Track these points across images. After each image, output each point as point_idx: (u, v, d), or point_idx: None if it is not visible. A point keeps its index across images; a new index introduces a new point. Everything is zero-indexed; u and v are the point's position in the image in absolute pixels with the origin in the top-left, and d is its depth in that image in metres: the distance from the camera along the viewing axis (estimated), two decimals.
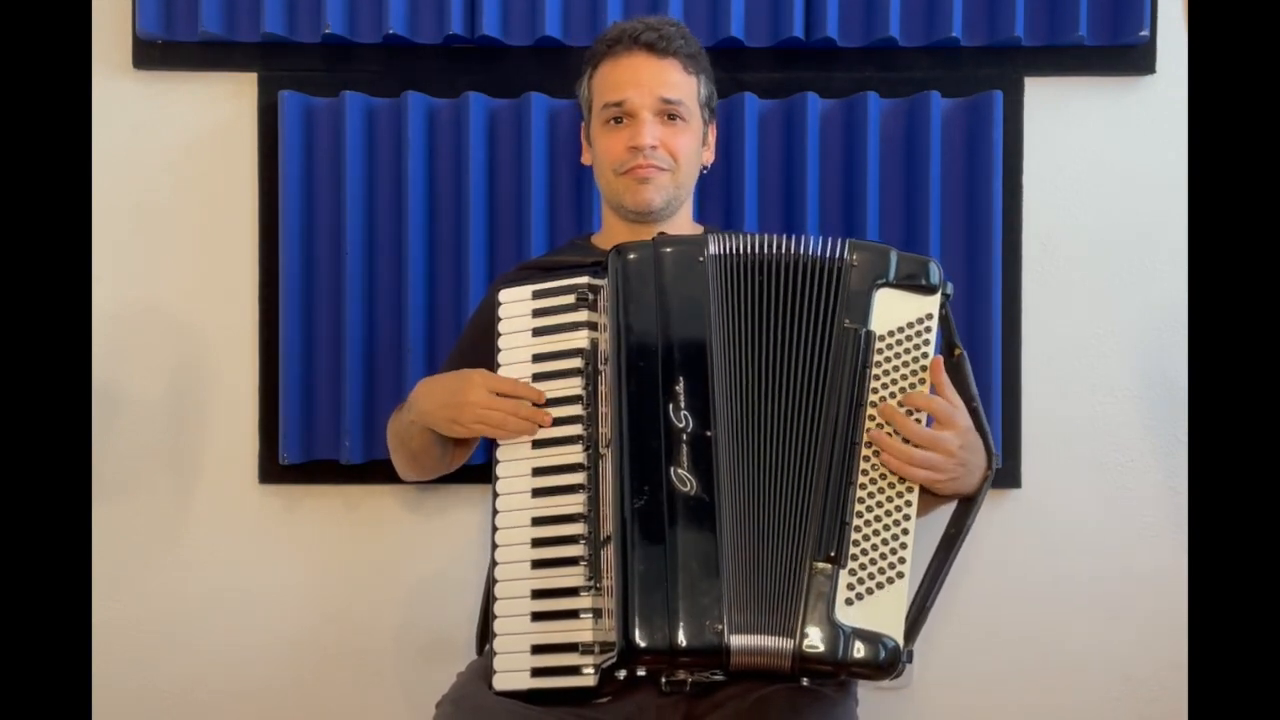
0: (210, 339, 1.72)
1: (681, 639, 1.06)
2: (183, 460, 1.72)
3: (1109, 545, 1.74)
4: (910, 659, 1.10)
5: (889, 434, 1.13)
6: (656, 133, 1.33)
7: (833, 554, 1.10)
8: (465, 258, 1.65)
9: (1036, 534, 1.72)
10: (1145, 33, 1.66)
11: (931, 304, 1.18)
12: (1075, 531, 1.74)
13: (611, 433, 1.14)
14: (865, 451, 1.13)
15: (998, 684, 1.74)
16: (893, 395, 1.15)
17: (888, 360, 1.16)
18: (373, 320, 1.68)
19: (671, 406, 1.13)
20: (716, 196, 1.69)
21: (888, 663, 1.08)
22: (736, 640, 1.08)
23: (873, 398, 1.14)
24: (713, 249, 1.18)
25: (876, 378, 1.15)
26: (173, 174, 1.71)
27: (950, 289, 1.20)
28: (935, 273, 1.18)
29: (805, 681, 1.13)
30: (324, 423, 1.69)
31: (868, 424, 1.14)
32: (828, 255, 1.17)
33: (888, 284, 1.17)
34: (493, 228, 1.69)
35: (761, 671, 1.12)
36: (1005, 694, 1.75)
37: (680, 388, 1.13)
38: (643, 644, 1.06)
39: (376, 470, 1.66)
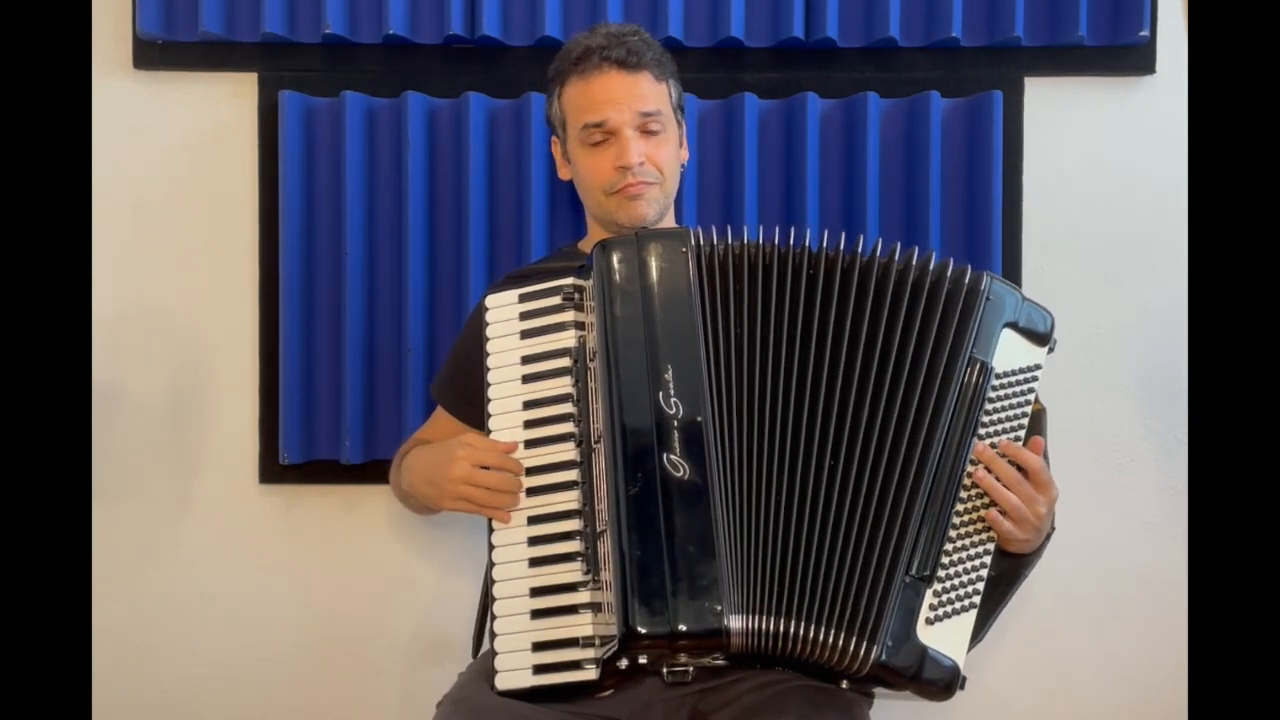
0: (210, 339, 1.72)
1: (680, 621, 1.07)
2: (182, 460, 1.72)
3: (1109, 545, 1.74)
4: (963, 685, 1.12)
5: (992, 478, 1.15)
6: (641, 149, 1.33)
7: (926, 573, 1.12)
8: (465, 258, 1.65)
9: None
10: (1145, 33, 1.66)
11: (1041, 355, 1.22)
12: (1075, 531, 1.74)
13: (603, 425, 1.15)
14: (965, 481, 1.15)
15: (998, 684, 1.74)
16: (993, 435, 1.17)
17: (997, 399, 1.18)
18: (373, 320, 1.68)
19: (661, 394, 1.14)
20: (716, 196, 1.69)
21: (949, 684, 1.11)
22: (736, 621, 1.08)
23: (980, 430, 1.16)
24: (694, 241, 1.20)
25: (986, 412, 1.17)
26: (173, 174, 1.71)
27: (1055, 344, 1.23)
28: (1052, 324, 1.22)
29: (844, 684, 1.15)
30: (324, 423, 1.69)
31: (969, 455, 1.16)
32: (963, 282, 1.18)
33: (1012, 326, 1.20)
34: (493, 228, 1.69)
35: (767, 657, 1.12)
36: (1005, 694, 1.75)
37: (669, 375, 1.14)
38: (642, 629, 1.06)
39: (376, 470, 1.66)
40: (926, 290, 1.18)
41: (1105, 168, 1.73)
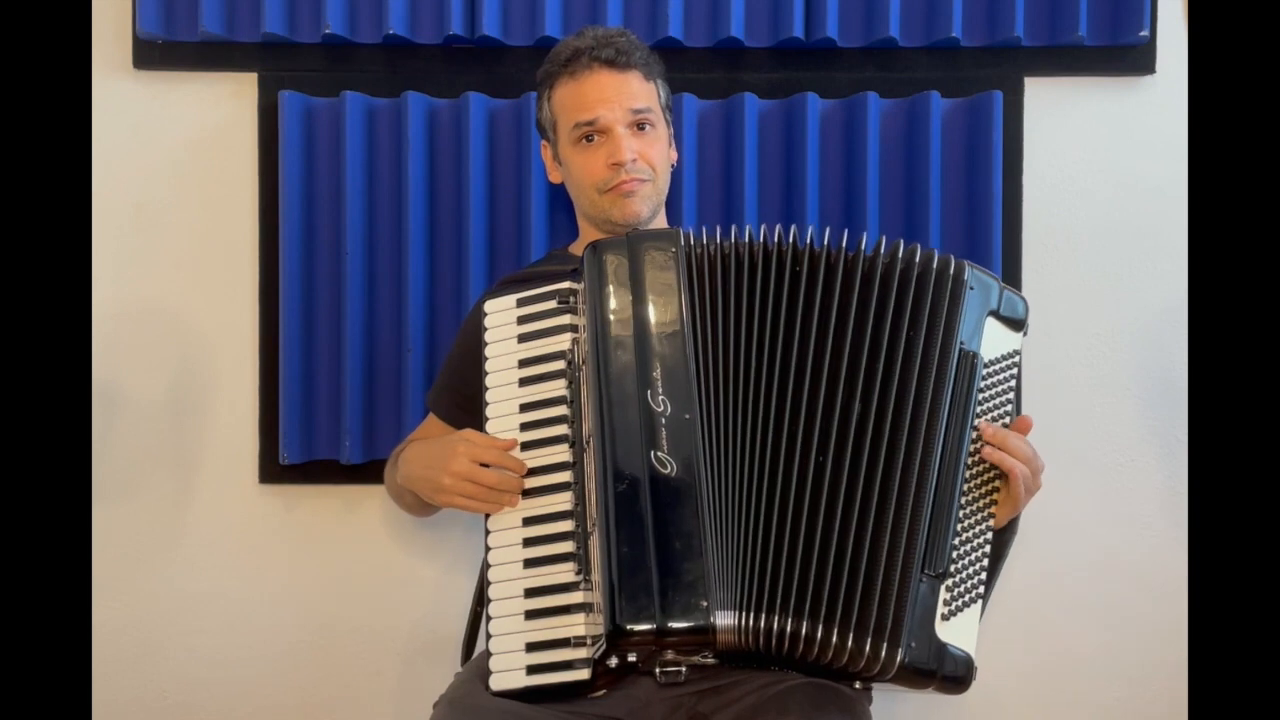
0: (210, 339, 1.72)
1: (666, 618, 1.06)
2: (182, 460, 1.72)
3: (1109, 546, 1.74)
4: (975, 675, 1.12)
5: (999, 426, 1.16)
6: (633, 146, 1.34)
7: (941, 569, 1.11)
8: (465, 258, 1.65)
9: (1036, 534, 1.72)
10: (1145, 33, 1.66)
11: (1018, 340, 1.23)
12: (1075, 531, 1.74)
13: (592, 424, 1.15)
14: (965, 474, 1.15)
15: (998, 684, 1.74)
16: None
17: (986, 387, 1.18)
18: (373, 320, 1.68)
19: (649, 393, 1.14)
20: (716, 196, 1.69)
21: (964, 678, 1.11)
22: (723, 618, 1.08)
23: (975, 421, 1.17)
24: (684, 241, 1.20)
25: (978, 401, 1.17)
26: (173, 174, 1.71)
27: (1028, 329, 1.24)
28: (1026, 309, 1.23)
29: (858, 685, 1.15)
30: (324, 423, 1.69)
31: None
32: (948, 273, 1.18)
33: (994, 314, 1.20)
34: (493, 227, 1.69)
35: (766, 657, 1.12)
36: (1006, 694, 1.75)
37: (657, 374, 1.14)
38: (628, 626, 1.06)
39: (376, 470, 1.65)
40: (914, 282, 1.18)
41: (1105, 168, 1.73)
